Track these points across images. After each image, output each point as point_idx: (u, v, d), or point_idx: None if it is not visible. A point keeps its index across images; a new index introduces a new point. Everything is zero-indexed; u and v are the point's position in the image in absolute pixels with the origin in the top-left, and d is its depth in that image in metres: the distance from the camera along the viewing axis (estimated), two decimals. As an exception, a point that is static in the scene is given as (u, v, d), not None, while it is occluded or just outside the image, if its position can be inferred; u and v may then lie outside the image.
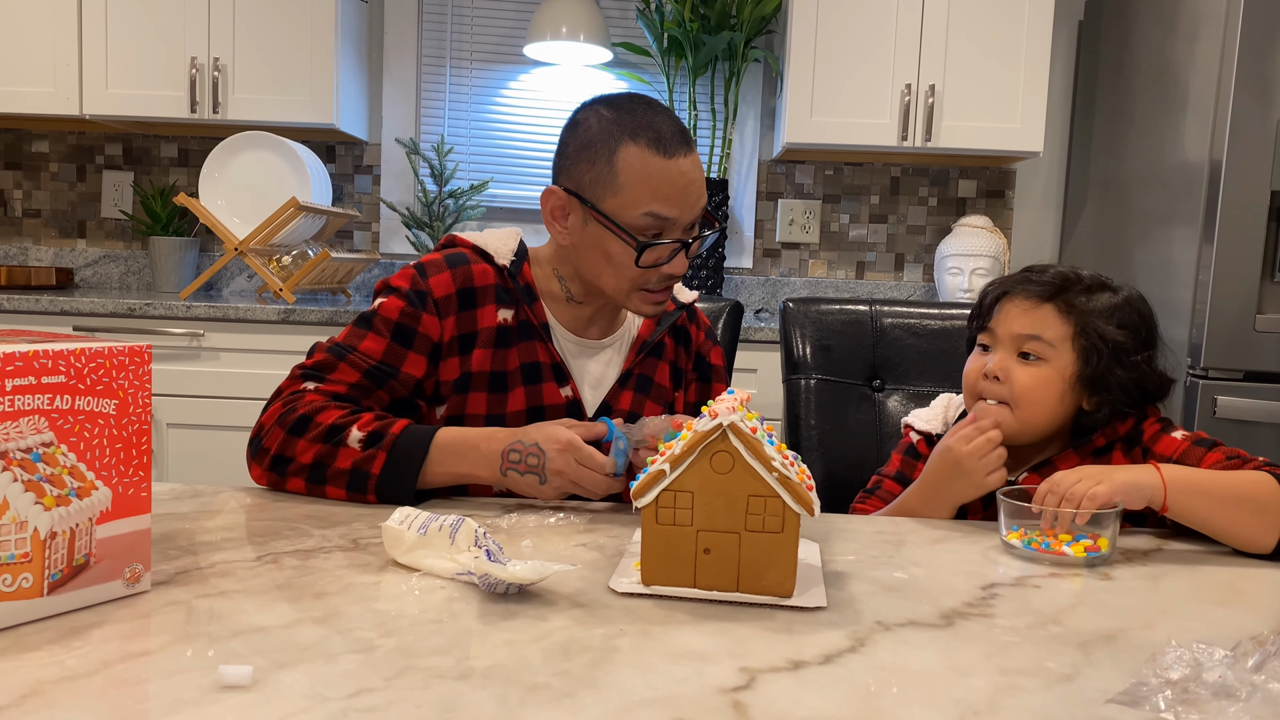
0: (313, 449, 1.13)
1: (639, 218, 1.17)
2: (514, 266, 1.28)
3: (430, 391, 1.26)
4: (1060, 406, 1.20)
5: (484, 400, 1.25)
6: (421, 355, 1.24)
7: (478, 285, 1.26)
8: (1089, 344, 1.18)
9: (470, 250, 1.29)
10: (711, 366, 1.43)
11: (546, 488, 1.09)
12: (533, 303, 1.27)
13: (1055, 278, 1.21)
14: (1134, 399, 1.20)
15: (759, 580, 0.86)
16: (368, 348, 1.22)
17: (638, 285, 1.22)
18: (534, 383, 1.26)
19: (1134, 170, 2.51)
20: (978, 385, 1.23)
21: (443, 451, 1.12)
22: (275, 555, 0.94)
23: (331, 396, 1.19)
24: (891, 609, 0.85)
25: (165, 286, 2.84)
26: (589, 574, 0.91)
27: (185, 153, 3.03)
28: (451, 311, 1.24)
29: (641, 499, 0.86)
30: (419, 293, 1.24)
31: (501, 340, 1.26)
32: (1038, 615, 0.85)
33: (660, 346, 1.37)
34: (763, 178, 3.04)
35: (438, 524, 0.90)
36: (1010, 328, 1.21)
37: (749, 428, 0.85)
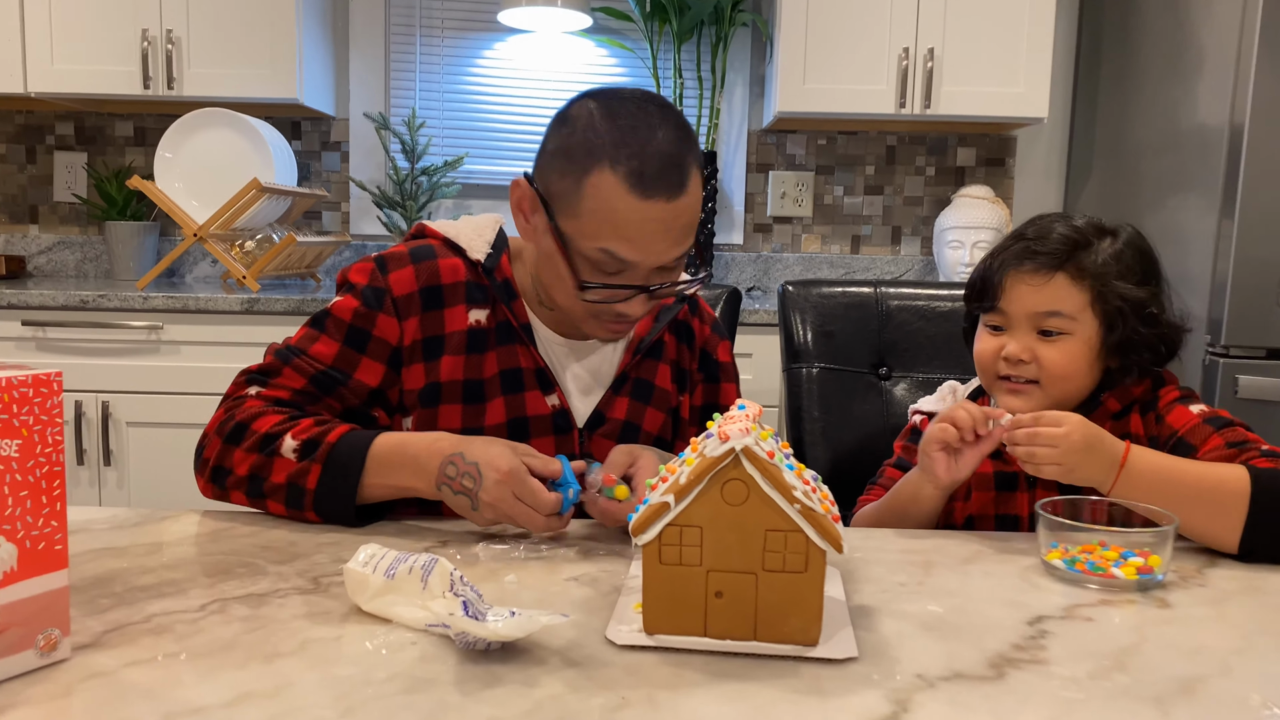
0: (249, 460, 1.02)
1: (593, 251, 1.02)
2: (490, 260, 1.14)
3: (396, 401, 1.13)
4: (1091, 375, 1.13)
5: (458, 413, 1.12)
6: (377, 361, 1.11)
7: (445, 283, 1.13)
8: (1110, 308, 1.10)
9: (440, 243, 1.16)
10: (719, 364, 1.28)
11: (478, 515, 0.97)
12: (512, 301, 1.14)
13: (1060, 242, 1.11)
14: (1159, 356, 1.13)
15: (780, 627, 0.75)
16: (318, 351, 1.10)
17: (591, 313, 1.08)
18: (515, 391, 1.13)
19: (1143, 135, 2.40)
20: (998, 368, 1.14)
21: (379, 463, 1.00)
22: (223, 602, 0.82)
23: (274, 403, 1.07)
24: (932, 656, 0.74)
25: (124, 274, 2.69)
26: (583, 618, 0.80)
27: (142, 131, 2.86)
28: (414, 313, 1.11)
29: (642, 535, 0.75)
30: (376, 291, 1.11)
31: (475, 345, 1.13)
32: (1097, 659, 0.74)
33: (659, 346, 1.23)
34: (752, 149, 2.91)
35: (407, 565, 0.79)
36: (1024, 306, 1.11)
37: (765, 451, 0.74)
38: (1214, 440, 1.07)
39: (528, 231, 1.10)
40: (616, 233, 1.01)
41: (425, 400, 1.12)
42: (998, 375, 1.14)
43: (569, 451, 1.15)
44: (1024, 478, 1.15)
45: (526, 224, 1.10)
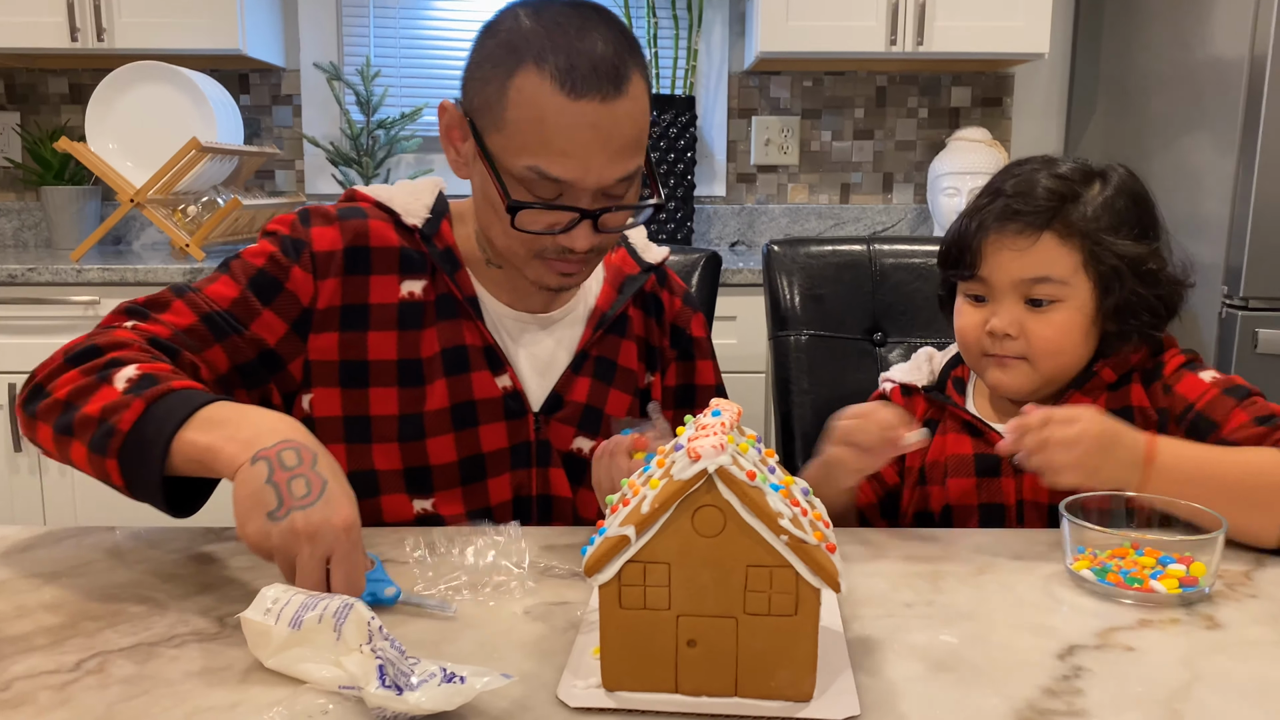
0: (75, 382, 0.82)
1: (522, 170, 0.88)
2: (429, 226, 1.00)
3: (300, 376, 0.98)
4: (1086, 345, 1.00)
5: (393, 396, 0.98)
6: (281, 318, 0.96)
7: (374, 246, 0.99)
8: (1104, 268, 0.97)
9: (371, 205, 1.02)
10: (693, 340, 1.15)
11: (266, 529, 0.71)
12: (455, 271, 1.00)
13: (1045, 197, 0.97)
14: (1160, 318, 1.00)
15: (765, 681, 0.62)
16: (215, 291, 0.95)
17: (532, 251, 0.93)
18: (459, 372, 0.99)
19: (1151, 69, 2.24)
20: (983, 344, 1.01)
21: (210, 416, 0.78)
22: (104, 656, 0.69)
23: (149, 339, 0.88)
24: (950, 710, 0.62)
25: (65, 244, 2.51)
26: (532, 668, 0.67)
27: (77, 88, 2.66)
28: (333, 273, 0.97)
29: (598, 574, 0.62)
30: (295, 241, 0.97)
31: (410, 320, 0.99)
32: (1146, 707, 0.62)
33: (624, 321, 1.09)
34: (734, 92, 2.73)
35: (316, 613, 0.65)
36: (1008, 274, 0.98)
37: (744, 470, 0.60)
38: (1238, 416, 0.95)
39: (460, 164, 0.96)
40: (545, 144, 0.86)
41: (347, 379, 0.98)
42: (983, 352, 1.01)
43: (524, 439, 1.02)
44: (1007, 461, 1.00)
45: (458, 155, 0.96)
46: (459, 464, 0.99)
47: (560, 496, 1.04)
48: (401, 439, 0.98)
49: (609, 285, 1.08)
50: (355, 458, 0.98)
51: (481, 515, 1.00)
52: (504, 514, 1.01)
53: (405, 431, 0.98)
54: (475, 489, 1.00)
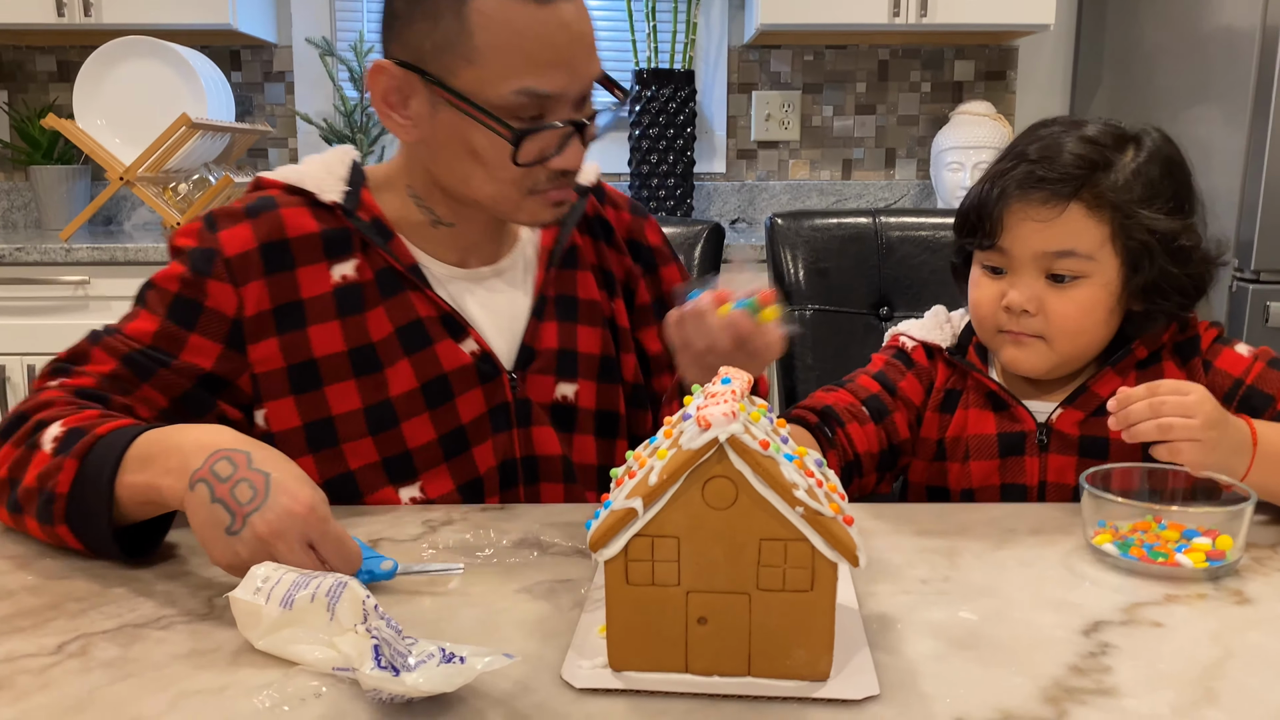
0: (10, 457, 0.80)
1: (509, 96, 0.83)
2: (349, 200, 0.93)
3: (249, 390, 0.91)
4: (1108, 327, 0.95)
5: (353, 390, 0.92)
6: (211, 340, 0.89)
7: (292, 237, 0.91)
8: (1134, 243, 0.91)
9: (281, 191, 0.94)
10: (653, 249, 1.09)
11: (229, 544, 0.69)
12: (389, 241, 0.93)
13: (1074, 164, 0.91)
14: (1190, 297, 0.94)
15: (780, 660, 0.59)
16: (135, 329, 0.89)
17: (526, 187, 0.88)
18: (421, 347, 0.93)
19: (1159, 41, 2.20)
20: (999, 319, 0.95)
21: (139, 455, 0.75)
22: (87, 639, 0.66)
23: (75, 392, 0.85)
24: (973, 689, 0.59)
25: (54, 224, 2.47)
26: (536, 648, 0.64)
27: (65, 66, 2.60)
28: (254, 276, 0.90)
29: (604, 549, 0.59)
30: (205, 253, 0.89)
31: (349, 305, 0.92)
32: (1178, 685, 0.59)
33: (573, 253, 1.02)
34: (734, 67, 2.68)
35: (308, 592, 0.62)
36: (1030, 246, 0.92)
37: (757, 439, 0.57)
38: None
39: (406, 129, 0.89)
40: (528, 61, 0.82)
41: (298, 384, 0.91)
42: (998, 328, 0.96)
43: (501, 401, 0.96)
44: (1033, 440, 0.97)
45: (403, 118, 0.89)
46: (439, 441, 0.93)
47: (547, 455, 0.98)
48: (373, 431, 0.92)
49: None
50: (326, 464, 0.92)
51: (472, 490, 0.95)
52: (491, 481, 0.96)
53: (374, 423, 0.92)
54: (459, 462, 0.94)
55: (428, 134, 0.88)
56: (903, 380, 1.04)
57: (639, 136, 2.48)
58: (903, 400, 1.03)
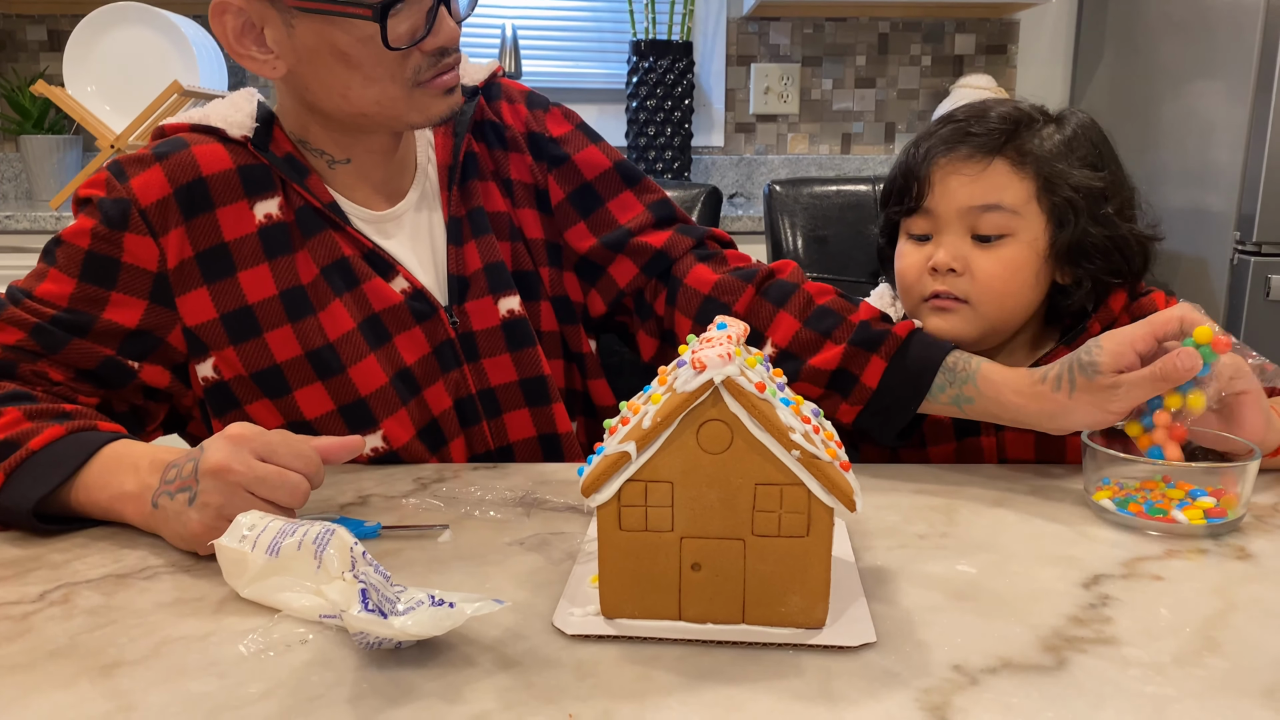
0: None
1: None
2: (259, 136, 0.88)
3: (184, 348, 0.87)
4: (1035, 290, 0.93)
5: (290, 335, 0.87)
6: (134, 296, 0.85)
7: (207, 175, 0.86)
8: (1059, 199, 0.90)
9: (189, 132, 0.89)
10: (557, 140, 1.01)
11: (200, 503, 0.67)
12: (306, 177, 0.88)
13: (999, 121, 0.91)
14: (1115, 265, 0.92)
15: (775, 607, 0.58)
16: (46, 291, 0.84)
17: (408, 78, 0.84)
18: (351, 287, 0.89)
19: (1162, 13, 2.17)
20: (924, 283, 0.93)
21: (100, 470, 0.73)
22: (70, 588, 0.65)
23: None
24: (970, 637, 0.58)
25: (44, 194, 2.44)
26: (527, 598, 0.63)
27: (56, 35, 2.57)
28: (174, 223, 0.85)
29: (596, 494, 0.57)
30: (118, 204, 0.84)
31: (276, 246, 0.87)
32: (1180, 636, 0.58)
33: (473, 160, 0.97)
34: (732, 39, 2.65)
35: (295, 539, 0.61)
36: (956, 200, 0.90)
37: (754, 382, 0.56)
38: None
39: (270, 63, 0.84)
40: None
41: (235, 333, 0.87)
42: (923, 295, 0.93)
43: (444, 338, 0.92)
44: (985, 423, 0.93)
45: (263, 54, 0.84)
46: (391, 386, 0.89)
47: (504, 384, 0.94)
48: (321, 377, 0.88)
49: (441, 134, 0.96)
50: (286, 410, 0.89)
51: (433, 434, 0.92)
52: (450, 423, 0.92)
53: (320, 368, 0.88)
54: (415, 406, 0.91)
55: (293, 60, 0.83)
56: None
57: (636, 109, 2.46)
58: None
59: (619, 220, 1.00)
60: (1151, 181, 2.09)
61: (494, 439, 0.95)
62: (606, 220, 1.00)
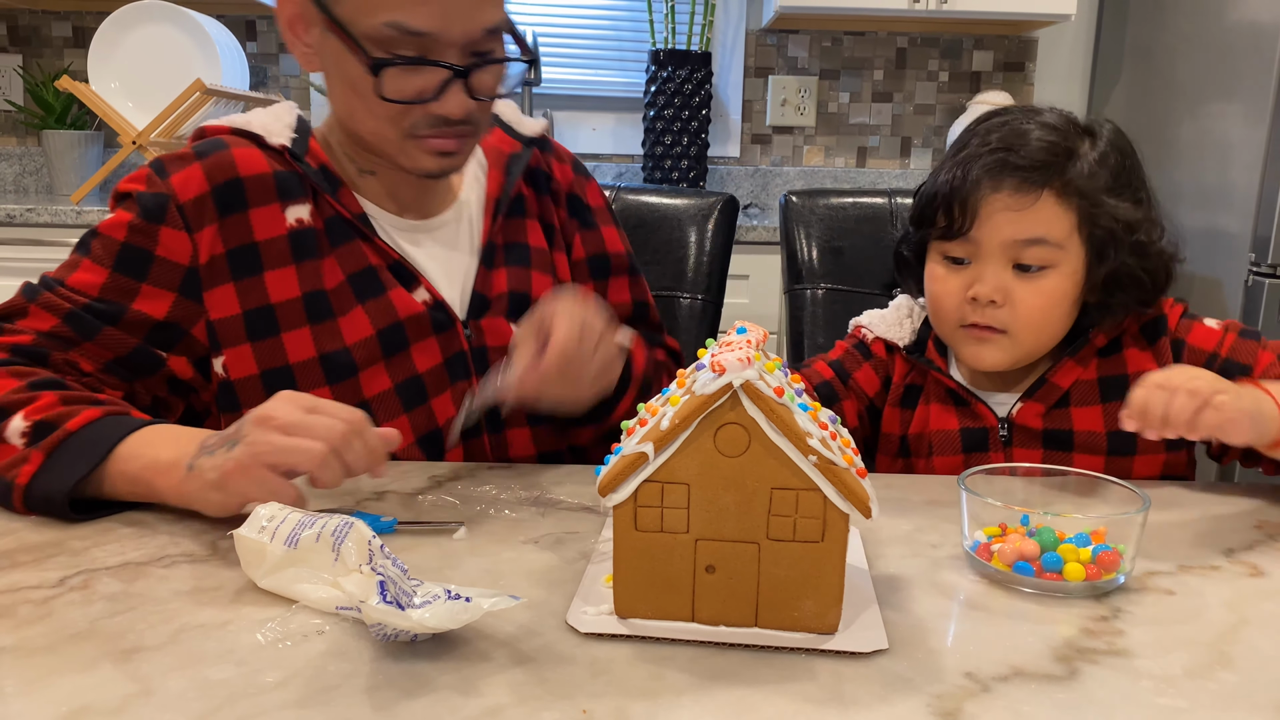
0: None
1: (380, 28, 0.80)
2: (297, 145, 0.91)
3: (205, 340, 0.90)
4: (1069, 319, 0.93)
5: (307, 337, 0.90)
6: (164, 289, 0.87)
7: (244, 176, 0.89)
8: (1100, 231, 0.90)
9: (229, 134, 0.92)
10: (591, 209, 1.08)
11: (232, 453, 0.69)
12: (337, 189, 0.91)
13: (1043, 152, 0.89)
14: (1146, 293, 0.92)
15: (789, 611, 0.58)
16: (80, 281, 0.86)
17: (403, 128, 0.85)
18: (375, 294, 0.91)
19: (1181, 34, 2.18)
20: (963, 313, 0.92)
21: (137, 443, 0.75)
22: (89, 574, 0.66)
23: (12, 350, 0.83)
24: (982, 646, 0.58)
25: (65, 189, 2.46)
26: (542, 595, 0.64)
27: (81, 31, 2.60)
28: (209, 220, 0.88)
29: (613, 494, 0.58)
30: (156, 198, 0.87)
31: (304, 249, 0.90)
32: (1193, 649, 0.58)
33: (520, 202, 1.02)
34: (750, 50, 2.67)
35: (314, 531, 0.62)
36: (1001, 234, 0.89)
37: (772, 387, 0.56)
38: (1265, 356, 0.92)
39: (307, 56, 0.88)
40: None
41: (254, 330, 0.89)
42: (961, 322, 0.93)
43: (457, 350, 0.94)
44: (995, 436, 0.96)
45: (305, 47, 0.88)
46: (395, 391, 0.92)
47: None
48: (330, 380, 0.90)
49: (495, 169, 1.01)
50: None
51: (433, 442, 0.94)
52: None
53: (331, 371, 0.90)
54: (419, 413, 0.93)
55: (322, 63, 0.87)
56: (858, 370, 1.04)
57: (653, 117, 2.47)
58: (854, 390, 1.03)
59: (609, 297, 1.08)
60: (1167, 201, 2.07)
61: (493, 453, 0.97)
62: (602, 292, 1.08)
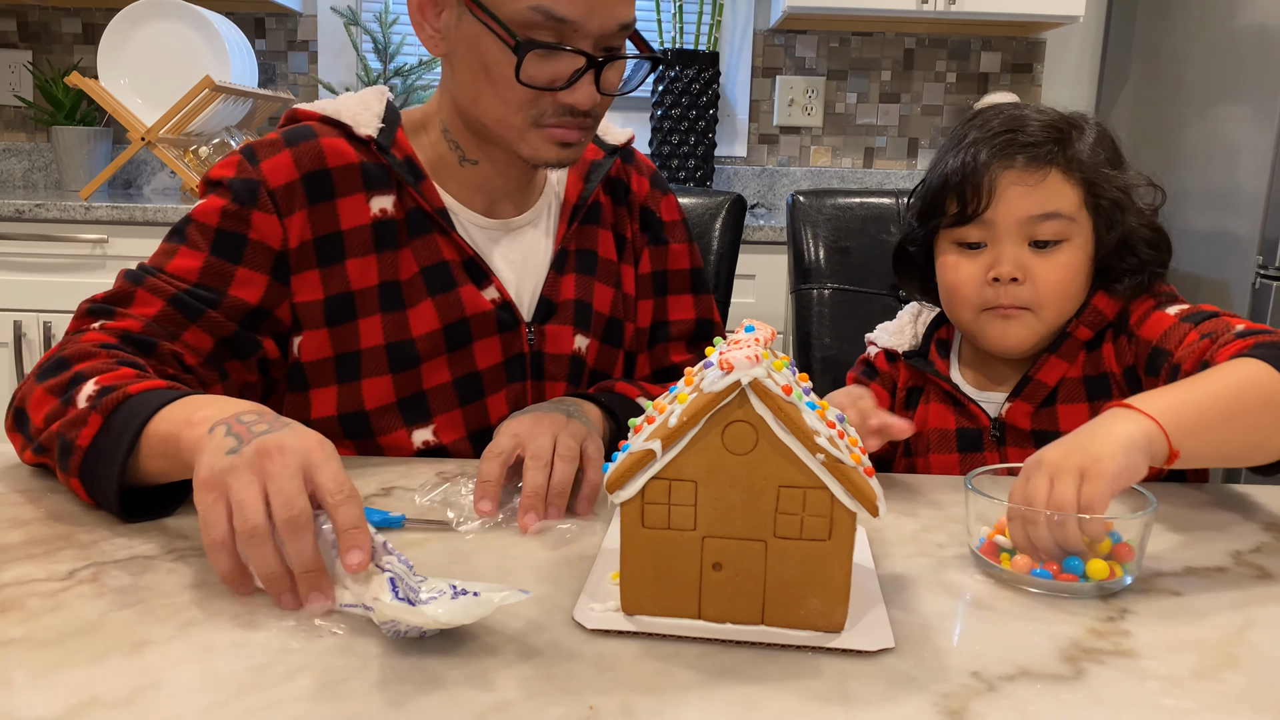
0: (46, 404, 0.77)
1: (524, 11, 0.82)
2: (384, 136, 0.92)
3: (288, 321, 0.91)
4: (1085, 291, 0.95)
5: (378, 325, 0.91)
6: (258, 272, 0.89)
7: (332, 166, 0.90)
8: (1105, 201, 0.93)
9: (318, 122, 0.93)
10: (664, 224, 1.08)
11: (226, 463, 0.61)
12: (420, 182, 0.93)
13: (1045, 129, 0.93)
14: (1161, 254, 0.95)
15: (795, 609, 0.59)
16: (178, 266, 0.87)
17: (530, 115, 0.86)
18: (445, 289, 0.93)
19: (1189, 36, 2.17)
20: (983, 294, 0.93)
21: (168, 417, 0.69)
22: (99, 567, 0.66)
23: (121, 336, 0.83)
24: (989, 645, 0.58)
25: (73, 185, 2.47)
26: (549, 591, 0.64)
27: (90, 28, 2.61)
28: (298, 206, 0.89)
29: (620, 491, 0.58)
30: (247, 184, 0.89)
31: (385, 240, 0.92)
32: (1199, 651, 0.58)
33: (596, 209, 1.02)
34: (758, 51, 2.67)
35: (316, 526, 0.62)
36: (1016, 211, 0.91)
37: (780, 385, 0.56)
38: (1190, 336, 0.87)
39: (434, 40, 0.89)
40: None
41: (334, 315, 0.91)
42: (984, 305, 0.93)
43: (517, 351, 0.96)
44: (988, 435, 0.97)
45: (433, 30, 0.89)
46: (454, 385, 0.94)
47: None
48: (394, 369, 0.92)
49: (575, 175, 1.01)
50: (346, 399, 0.92)
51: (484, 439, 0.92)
52: None
53: (395, 361, 0.92)
54: (474, 409, 0.95)
55: (451, 47, 0.88)
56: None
57: (660, 117, 2.47)
58: None
59: (669, 315, 1.08)
60: (1175, 203, 2.08)
61: None
62: (662, 310, 1.08)
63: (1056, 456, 0.67)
